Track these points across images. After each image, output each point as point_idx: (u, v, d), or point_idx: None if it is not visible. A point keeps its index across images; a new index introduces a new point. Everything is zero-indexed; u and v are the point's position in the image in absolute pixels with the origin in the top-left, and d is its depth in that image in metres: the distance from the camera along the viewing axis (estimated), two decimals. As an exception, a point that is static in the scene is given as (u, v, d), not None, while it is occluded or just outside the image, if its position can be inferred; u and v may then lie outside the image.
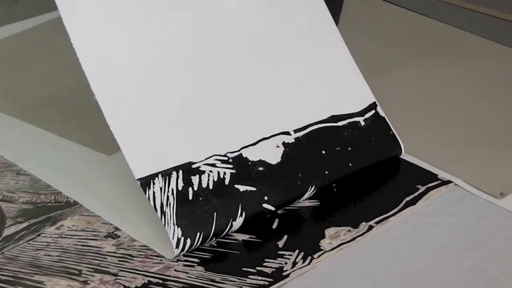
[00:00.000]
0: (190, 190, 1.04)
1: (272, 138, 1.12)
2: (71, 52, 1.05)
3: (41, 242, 1.06)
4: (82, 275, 1.00)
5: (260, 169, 1.09)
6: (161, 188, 1.03)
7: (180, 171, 1.05)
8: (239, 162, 1.09)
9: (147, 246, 1.04)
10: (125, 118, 1.05)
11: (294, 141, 1.13)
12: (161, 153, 1.05)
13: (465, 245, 1.05)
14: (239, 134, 1.10)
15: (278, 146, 1.12)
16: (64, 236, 1.07)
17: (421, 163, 1.19)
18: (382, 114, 1.21)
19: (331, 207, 1.11)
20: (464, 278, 0.99)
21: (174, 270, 1.01)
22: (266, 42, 1.18)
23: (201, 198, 1.04)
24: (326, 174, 1.13)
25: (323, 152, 1.14)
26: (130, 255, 1.03)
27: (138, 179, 1.02)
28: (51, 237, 1.07)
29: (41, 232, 1.08)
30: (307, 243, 1.04)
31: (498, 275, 1.00)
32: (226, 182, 1.07)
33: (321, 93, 1.19)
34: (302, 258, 1.02)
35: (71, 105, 1.35)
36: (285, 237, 1.06)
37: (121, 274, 1.00)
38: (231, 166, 1.08)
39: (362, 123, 1.19)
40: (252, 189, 1.07)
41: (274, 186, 1.09)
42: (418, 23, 1.64)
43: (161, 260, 1.02)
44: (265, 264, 1.01)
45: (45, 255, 1.03)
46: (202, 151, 1.07)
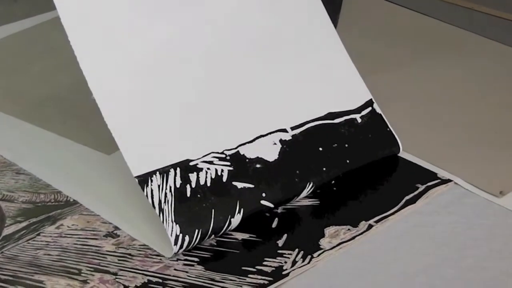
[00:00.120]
0: (188, 187, 1.04)
1: (269, 135, 1.12)
2: (71, 51, 1.05)
3: (40, 241, 1.06)
4: (82, 275, 1.00)
5: (257, 166, 1.09)
6: (159, 185, 1.03)
7: (177, 169, 1.05)
8: (237, 160, 1.09)
9: (147, 245, 1.04)
10: (122, 116, 1.05)
11: (291, 138, 1.13)
12: (158, 150, 1.05)
13: (464, 244, 1.05)
14: (236, 131, 1.10)
15: (275, 143, 1.12)
16: (63, 235, 1.07)
17: (421, 162, 1.19)
18: (378, 111, 1.21)
19: (331, 206, 1.11)
20: (464, 277, 0.99)
21: (174, 269, 1.01)
22: (263, 41, 1.18)
23: (199, 195, 1.04)
24: (324, 171, 1.13)
25: (320, 149, 1.14)
26: (129, 254, 1.03)
27: (136, 177, 1.03)
28: (51, 236, 1.07)
29: (40, 231, 1.08)
30: (307, 242, 1.04)
31: (498, 274, 1.00)
32: (224, 179, 1.07)
33: (317, 90, 1.19)
34: (301, 257, 1.02)
35: (71, 104, 1.35)
36: (284, 236, 1.06)
37: (120, 273, 1.00)
38: (229, 164, 1.08)
39: (359, 120, 1.19)
40: (249, 186, 1.07)
41: (271, 183, 1.09)
42: (418, 23, 1.64)
43: (160, 259, 1.02)
44: (265, 263, 1.01)
45: (44, 255, 1.03)
46: (200, 149, 1.07)
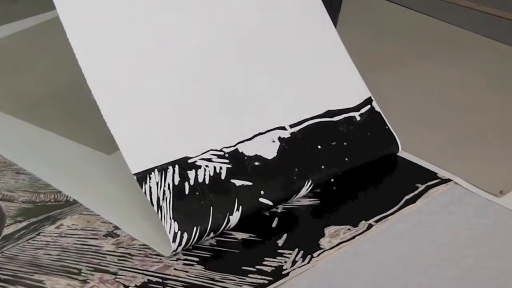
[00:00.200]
0: (187, 184, 1.04)
1: (268, 133, 1.13)
2: (70, 51, 1.05)
3: (40, 241, 1.06)
4: (82, 274, 1.00)
5: (256, 164, 1.09)
6: (157, 182, 1.03)
7: (176, 166, 1.05)
8: (235, 157, 1.09)
9: (147, 245, 1.04)
10: (121, 114, 1.05)
11: (290, 136, 1.13)
12: (157, 148, 1.05)
13: (464, 243, 1.05)
14: (235, 129, 1.11)
15: (274, 141, 1.12)
16: (63, 235, 1.07)
17: (420, 162, 1.19)
18: (377, 109, 1.21)
19: (331, 206, 1.11)
20: (464, 277, 0.99)
21: (174, 269, 1.01)
22: (263, 39, 1.18)
23: (197, 193, 1.04)
24: (323, 168, 1.13)
25: (319, 147, 1.14)
26: (129, 254, 1.03)
27: (134, 174, 1.03)
28: (51, 236, 1.07)
29: (40, 231, 1.08)
30: (307, 242, 1.04)
31: (498, 274, 1.00)
32: (222, 177, 1.07)
33: (317, 88, 1.19)
34: (301, 257, 1.02)
35: (71, 104, 1.35)
36: (284, 235, 1.06)
37: (120, 273, 1.00)
38: (227, 161, 1.08)
39: (358, 118, 1.19)
40: (248, 183, 1.07)
41: (270, 180, 1.09)
42: (418, 22, 1.64)
43: (160, 259, 1.02)
44: (264, 263, 1.01)
45: (44, 254, 1.03)
46: (198, 146, 1.08)
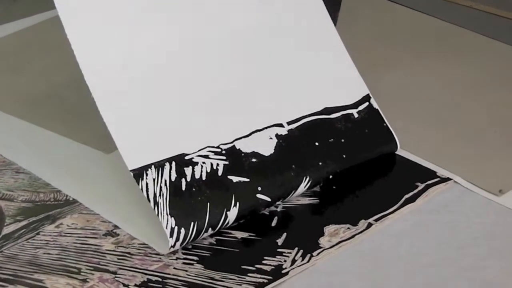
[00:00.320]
0: (183, 181, 1.05)
1: (265, 130, 1.13)
2: (69, 50, 1.05)
3: (40, 240, 1.06)
4: (82, 273, 1.00)
5: (253, 160, 1.09)
6: (154, 179, 1.03)
7: (173, 163, 1.05)
8: (232, 154, 1.09)
9: (146, 244, 1.04)
10: (118, 110, 1.05)
11: (287, 133, 1.13)
12: (154, 144, 1.05)
13: (464, 242, 1.05)
14: (232, 126, 1.11)
15: (271, 138, 1.12)
16: (63, 234, 1.07)
17: (420, 161, 1.19)
18: (375, 106, 1.21)
19: (330, 205, 1.11)
20: (463, 276, 0.99)
21: (174, 268, 1.01)
22: (261, 36, 1.18)
23: (194, 189, 1.04)
24: (320, 165, 1.13)
25: (317, 144, 1.14)
26: (129, 253, 1.03)
27: (131, 170, 1.03)
28: (51, 235, 1.07)
29: (40, 230, 1.08)
30: (306, 241, 1.04)
31: (498, 273, 1.00)
32: (219, 173, 1.07)
33: (314, 85, 1.19)
34: (301, 256, 1.02)
35: (70, 103, 1.35)
36: (284, 234, 1.06)
37: (120, 272, 1.00)
38: (224, 158, 1.08)
39: (356, 115, 1.19)
40: (245, 180, 1.07)
41: (267, 177, 1.09)
42: (417, 20, 1.64)
43: (160, 258, 1.02)
44: (264, 262, 1.01)
45: (44, 254, 1.03)
46: (195, 143, 1.08)
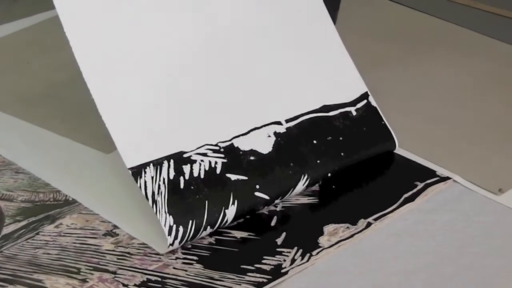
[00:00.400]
0: (182, 179, 1.05)
1: (263, 128, 1.13)
2: (69, 50, 1.05)
3: (40, 240, 1.06)
4: (81, 273, 1.00)
5: (251, 158, 1.09)
6: (152, 177, 1.03)
7: (171, 161, 1.05)
8: (231, 152, 1.09)
9: (146, 244, 1.04)
10: (117, 109, 1.05)
11: (285, 131, 1.13)
12: (152, 142, 1.05)
13: (464, 241, 1.05)
14: (231, 123, 1.11)
15: (269, 136, 1.12)
16: (63, 234, 1.07)
17: (419, 160, 1.19)
18: (374, 104, 1.21)
19: (330, 204, 1.12)
20: (463, 275, 0.99)
21: (173, 268, 1.01)
22: (259, 33, 1.18)
23: (192, 187, 1.04)
24: (318, 163, 1.13)
25: (315, 142, 1.14)
26: (128, 253, 1.03)
27: (129, 168, 1.03)
28: (50, 235, 1.07)
29: (40, 230, 1.08)
30: (306, 240, 1.04)
31: (498, 272, 1.00)
32: (218, 171, 1.07)
33: (313, 83, 1.19)
34: (300, 255, 1.02)
35: (70, 103, 1.35)
36: (283, 234, 1.06)
37: (120, 272, 1.00)
38: (223, 156, 1.08)
39: (354, 113, 1.19)
40: (243, 178, 1.07)
41: (265, 175, 1.09)
42: (416, 19, 1.64)
43: (160, 258, 1.02)
44: (263, 261, 1.01)
45: (44, 254, 1.03)
46: (194, 141, 1.07)
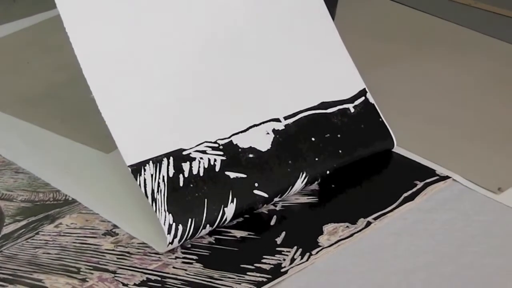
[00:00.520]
0: (181, 177, 1.05)
1: (262, 125, 1.13)
2: (69, 50, 1.05)
3: (39, 240, 1.06)
4: (81, 273, 1.00)
5: (250, 156, 1.09)
6: (152, 175, 1.03)
7: (171, 158, 1.05)
8: (230, 149, 1.09)
9: (146, 243, 1.04)
10: (117, 107, 1.05)
11: (284, 128, 1.13)
12: (152, 140, 1.05)
13: (463, 240, 1.05)
14: (230, 121, 1.11)
15: (268, 133, 1.12)
16: (62, 234, 1.07)
17: (419, 159, 1.19)
18: (371, 101, 1.21)
19: (329, 204, 1.12)
20: (462, 274, 0.99)
21: (173, 267, 1.01)
22: (258, 31, 1.18)
23: (191, 185, 1.05)
24: (317, 161, 1.13)
25: (313, 139, 1.14)
26: (128, 253, 1.03)
27: (129, 166, 1.03)
28: (50, 235, 1.07)
29: (39, 230, 1.08)
30: (305, 240, 1.04)
31: (497, 271, 1.00)
32: (217, 169, 1.07)
33: (311, 80, 1.19)
34: (300, 255, 1.02)
35: (69, 103, 1.35)
36: (283, 233, 1.06)
37: (119, 271, 1.00)
38: (222, 153, 1.08)
39: (352, 110, 1.19)
40: (242, 175, 1.08)
41: (264, 172, 1.09)
42: (416, 19, 1.64)
43: (159, 257, 1.02)
44: (263, 260, 1.01)
45: (44, 253, 1.04)
46: (193, 138, 1.08)
